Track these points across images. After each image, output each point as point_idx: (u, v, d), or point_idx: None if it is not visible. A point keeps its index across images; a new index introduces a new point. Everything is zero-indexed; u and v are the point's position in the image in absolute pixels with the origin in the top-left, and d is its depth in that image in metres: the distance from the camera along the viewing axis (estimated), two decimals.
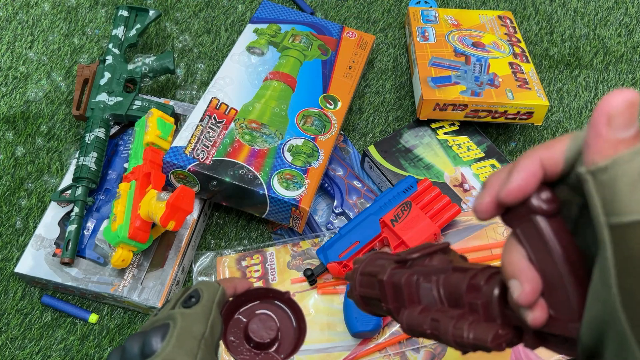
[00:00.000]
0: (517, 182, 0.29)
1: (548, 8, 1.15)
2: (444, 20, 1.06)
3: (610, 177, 0.25)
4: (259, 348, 0.51)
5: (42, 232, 0.82)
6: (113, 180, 0.88)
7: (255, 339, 0.50)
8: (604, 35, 1.12)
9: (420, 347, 0.75)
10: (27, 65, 1.03)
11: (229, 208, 0.90)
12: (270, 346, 0.51)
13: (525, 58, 0.99)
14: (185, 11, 1.11)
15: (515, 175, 0.29)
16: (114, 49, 0.95)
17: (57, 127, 0.96)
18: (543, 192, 0.30)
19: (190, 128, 0.83)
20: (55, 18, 1.09)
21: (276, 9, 1.04)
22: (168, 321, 0.43)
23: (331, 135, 0.88)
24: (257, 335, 0.51)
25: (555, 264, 0.30)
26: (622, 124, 0.25)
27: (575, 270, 0.30)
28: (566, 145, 0.29)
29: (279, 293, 0.53)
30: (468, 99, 0.90)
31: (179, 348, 0.41)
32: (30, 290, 0.82)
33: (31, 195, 0.90)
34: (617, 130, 0.25)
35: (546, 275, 0.30)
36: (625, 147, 0.25)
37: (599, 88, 1.05)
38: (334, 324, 0.77)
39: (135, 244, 0.76)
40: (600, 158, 0.26)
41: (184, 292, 0.48)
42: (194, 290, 0.47)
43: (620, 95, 0.25)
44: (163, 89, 1.01)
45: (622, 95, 0.26)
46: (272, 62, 0.95)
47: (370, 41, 1.03)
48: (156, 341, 0.42)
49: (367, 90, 1.04)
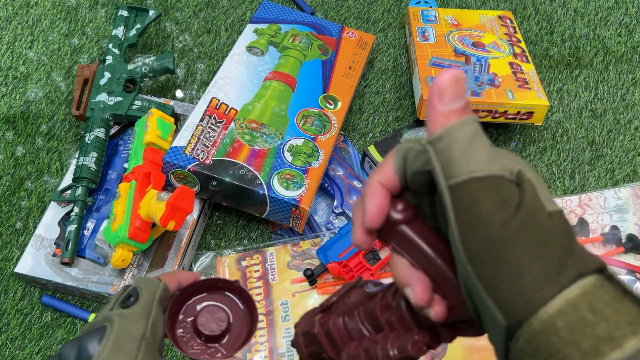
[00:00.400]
0: (372, 208, 0.32)
1: (548, 8, 1.15)
2: (444, 20, 1.06)
3: (445, 144, 0.29)
4: (210, 341, 0.50)
5: (42, 232, 0.82)
6: (113, 180, 0.88)
7: (205, 332, 0.49)
8: (604, 35, 1.12)
9: None
10: (27, 65, 1.03)
11: (229, 208, 0.90)
12: (221, 338, 0.50)
13: (526, 58, 0.99)
14: (185, 11, 1.11)
15: (368, 203, 0.32)
16: (114, 49, 0.95)
17: (57, 127, 0.96)
18: (397, 204, 0.33)
19: (190, 128, 0.83)
20: (55, 18, 1.09)
21: (276, 9, 1.04)
22: (105, 324, 0.42)
23: (331, 135, 0.88)
24: (207, 328, 0.49)
25: (431, 260, 0.33)
26: (451, 97, 0.29)
27: (449, 258, 0.32)
28: (392, 161, 0.33)
29: (228, 282, 0.52)
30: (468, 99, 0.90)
31: (117, 352, 0.39)
32: (30, 290, 0.82)
33: (31, 195, 0.90)
34: (447, 102, 0.29)
35: (429, 272, 0.33)
36: (456, 117, 0.29)
37: (599, 88, 1.04)
38: None
39: (135, 244, 0.76)
40: (437, 128, 0.29)
41: (124, 290, 0.46)
42: (132, 289, 0.45)
43: (447, 73, 0.30)
44: (163, 89, 1.01)
45: (449, 72, 0.30)
46: (272, 62, 0.95)
47: (370, 41, 1.03)
48: (92, 346, 0.40)
49: (367, 90, 1.04)
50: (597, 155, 0.97)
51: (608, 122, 1.00)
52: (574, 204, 0.85)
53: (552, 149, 0.97)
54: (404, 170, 0.32)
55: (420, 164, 0.31)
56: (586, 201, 0.85)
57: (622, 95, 1.04)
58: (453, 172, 0.28)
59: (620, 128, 1.00)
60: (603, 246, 0.82)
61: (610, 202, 0.85)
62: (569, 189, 0.94)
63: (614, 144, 0.98)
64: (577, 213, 0.84)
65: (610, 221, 0.84)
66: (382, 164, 0.33)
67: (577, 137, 0.99)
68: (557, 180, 0.94)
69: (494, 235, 0.27)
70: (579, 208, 0.85)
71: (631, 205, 0.85)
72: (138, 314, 0.43)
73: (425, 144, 0.30)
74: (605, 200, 0.85)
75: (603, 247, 0.81)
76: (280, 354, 0.76)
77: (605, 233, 0.83)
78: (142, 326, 0.42)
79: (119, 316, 0.42)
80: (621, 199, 0.85)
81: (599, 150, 0.97)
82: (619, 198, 0.85)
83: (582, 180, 0.94)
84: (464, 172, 0.28)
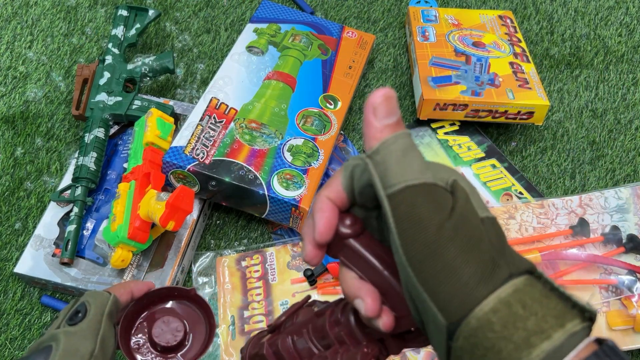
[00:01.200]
0: (322, 223, 0.33)
1: (548, 8, 1.15)
2: (444, 19, 1.06)
3: (382, 157, 0.31)
4: (166, 352, 0.49)
5: (42, 232, 0.82)
6: (112, 180, 0.87)
7: (160, 344, 0.48)
8: (604, 35, 1.11)
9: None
10: (26, 65, 1.03)
11: (229, 208, 0.89)
12: (179, 348, 0.49)
13: (526, 58, 0.99)
14: (184, 11, 1.11)
15: (318, 218, 0.33)
16: (113, 48, 0.95)
17: (56, 127, 0.96)
18: (345, 219, 0.34)
19: (190, 128, 0.83)
20: (54, 18, 1.09)
21: (276, 9, 1.04)
22: (50, 343, 0.40)
23: (331, 135, 0.88)
24: (162, 339, 0.48)
25: (379, 272, 0.33)
26: (384, 113, 0.31)
27: (395, 270, 0.33)
28: (340, 178, 0.34)
29: (184, 291, 0.50)
30: (468, 98, 0.90)
31: None
32: (30, 290, 0.82)
33: (30, 195, 0.89)
34: (381, 118, 0.31)
35: (377, 284, 0.34)
36: (390, 132, 0.31)
37: (599, 88, 1.04)
38: None
39: (134, 244, 0.75)
40: (374, 142, 0.31)
41: (72, 305, 0.45)
42: (80, 304, 0.44)
43: (379, 91, 0.32)
44: (163, 89, 1.01)
45: (381, 91, 0.32)
46: (272, 61, 0.95)
47: (371, 41, 1.03)
48: None
49: (368, 90, 1.04)
50: (597, 155, 0.97)
51: (609, 122, 1.00)
52: (574, 204, 0.85)
53: (553, 148, 0.97)
54: (351, 187, 0.33)
55: (365, 179, 0.32)
56: (587, 201, 0.85)
57: (622, 95, 1.04)
58: (390, 182, 0.30)
59: (621, 128, 1.00)
60: (603, 246, 0.81)
61: (611, 202, 0.85)
62: (570, 189, 0.93)
63: (614, 143, 0.98)
64: (577, 213, 0.84)
65: (610, 221, 0.83)
66: (331, 180, 0.35)
67: (578, 137, 0.99)
68: (557, 180, 0.94)
69: (431, 237, 0.29)
70: (580, 208, 0.84)
71: (632, 206, 0.85)
72: (86, 331, 0.41)
73: (364, 158, 0.32)
74: (605, 200, 0.85)
75: (603, 247, 0.81)
76: None
77: (605, 233, 0.83)
78: (91, 343, 0.40)
79: (66, 334, 0.40)
80: (622, 199, 0.85)
81: (599, 150, 0.97)
82: (620, 198, 0.85)
83: (583, 180, 0.94)
84: (399, 180, 0.30)
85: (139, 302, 0.49)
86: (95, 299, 0.44)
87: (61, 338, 0.40)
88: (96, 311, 0.43)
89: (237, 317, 0.79)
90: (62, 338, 0.40)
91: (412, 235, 0.29)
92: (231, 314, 0.79)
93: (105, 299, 0.45)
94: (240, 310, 0.79)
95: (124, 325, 0.48)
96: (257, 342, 0.44)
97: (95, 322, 0.42)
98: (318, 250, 0.34)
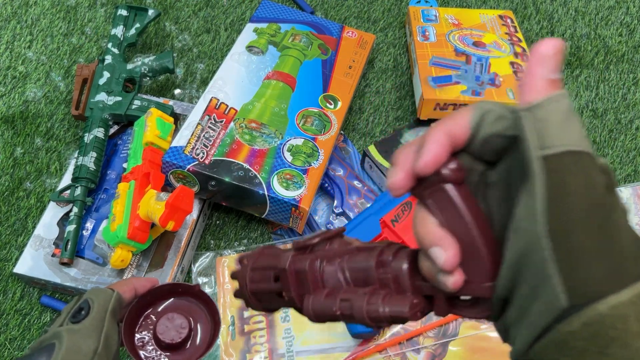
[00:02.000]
0: (432, 153, 0.30)
1: (549, 7, 1.15)
2: (445, 19, 1.06)
3: (545, 113, 0.28)
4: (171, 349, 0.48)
5: (41, 232, 0.82)
6: (112, 180, 0.87)
7: (165, 341, 0.47)
8: (605, 34, 1.11)
9: (421, 347, 0.75)
10: (26, 65, 1.03)
11: (229, 208, 0.89)
12: (183, 345, 0.48)
13: (526, 58, 0.99)
14: (184, 10, 1.11)
15: (429, 147, 0.30)
16: (113, 48, 0.95)
17: (56, 127, 0.96)
18: (450, 162, 0.31)
19: (190, 128, 0.83)
20: (54, 17, 1.09)
21: (276, 8, 1.04)
22: (53, 341, 0.40)
23: (331, 135, 0.88)
24: (167, 336, 0.47)
25: (468, 228, 0.31)
26: (552, 67, 0.29)
27: (485, 232, 0.31)
28: (470, 115, 0.31)
29: (188, 287, 0.49)
30: (469, 98, 0.90)
31: None
32: (29, 290, 0.82)
33: (30, 195, 0.89)
34: (548, 71, 0.28)
35: (460, 240, 0.31)
36: (555, 88, 0.28)
37: (599, 88, 1.04)
38: (334, 325, 0.77)
39: (134, 244, 0.75)
40: (536, 96, 0.28)
41: (75, 302, 0.44)
42: (83, 301, 0.43)
43: (550, 42, 0.29)
44: (162, 89, 1.01)
45: (552, 42, 0.29)
46: (272, 61, 0.95)
47: (371, 40, 1.03)
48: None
49: (367, 89, 1.03)
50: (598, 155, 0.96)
51: (609, 122, 1.00)
52: None
53: None
54: (478, 128, 0.30)
55: (500, 128, 0.30)
56: None
57: (623, 95, 1.03)
58: (549, 142, 0.27)
59: (621, 128, 0.99)
60: None
61: None
62: None
63: (615, 143, 0.98)
64: None
65: None
66: (456, 115, 0.31)
67: None
68: None
69: (585, 212, 0.27)
70: None
71: (632, 206, 0.85)
72: (89, 329, 0.41)
73: (520, 110, 0.29)
74: None
75: None
76: (280, 354, 0.75)
77: None
78: (94, 341, 0.40)
79: (69, 332, 0.40)
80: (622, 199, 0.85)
81: (600, 150, 0.97)
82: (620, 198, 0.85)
83: None
84: (561, 143, 0.27)
85: (142, 299, 0.49)
86: (98, 296, 0.43)
87: (64, 336, 0.40)
88: (99, 308, 0.42)
89: (237, 317, 0.78)
90: (65, 336, 0.40)
91: (565, 205, 0.27)
92: (231, 314, 0.78)
93: (109, 296, 0.44)
94: (240, 310, 0.79)
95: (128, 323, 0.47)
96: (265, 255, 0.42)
97: (99, 319, 0.42)
98: (409, 181, 0.31)
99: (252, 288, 0.42)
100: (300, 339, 0.76)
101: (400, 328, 0.75)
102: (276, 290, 0.41)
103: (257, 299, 0.43)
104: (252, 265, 0.42)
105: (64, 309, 0.44)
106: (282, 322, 0.78)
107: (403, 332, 0.75)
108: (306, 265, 0.38)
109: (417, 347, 0.75)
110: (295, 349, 0.76)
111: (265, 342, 0.76)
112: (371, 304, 0.34)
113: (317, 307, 0.37)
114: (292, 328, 0.77)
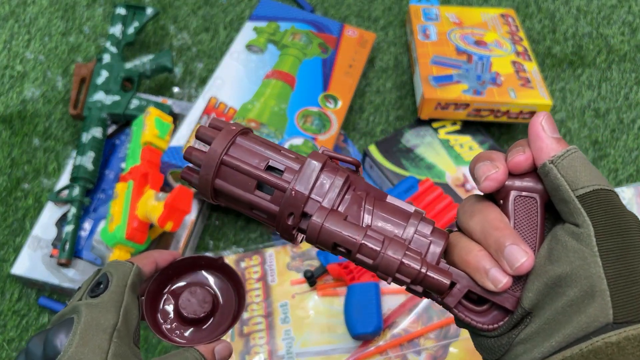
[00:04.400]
0: (529, 154, 0.34)
1: (551, 6, 1.14)
2: (446, 18, 1.05)
3: (568, 161, 0.33)
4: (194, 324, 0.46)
5: (39, 232, 0.81)
6: (110, 180, 0.87)
7: (188, 316, 0.45)
8: (607, 33, 1.11)
9: (422, 349, 0.74)
10: (23, 64, 1.02)
11: (228, 208, 0.89)
12: (206, 320, 0.46)
13: (528, 56, 0.98)
14: (183, 9, 1.10)
15: (528, 148, 0.34)
16: (111, 47, 0.94)
17: (54, 127, 0.95)
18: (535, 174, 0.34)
19: (189, 127, 0.82)
20: (52, 16, 1.08)
21: (275, 7, 1.03)
22: (72, 315, 0.39)
23: (331, 135, 0.87)
24: (189, 310, 0.45)
25: (535, 242, 0.33)
26: (551, 128, 0.34)
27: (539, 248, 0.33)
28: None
29: (211, 260, 0.47)
30: (470, 97, 0.89)
31: (84, 346, 0.36)
32: (27, 291, 0.81)
33: (28, 195, 0.89)
34: (552, 132, 0.34)
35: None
36: (561, 144, 0.33)
37: (602, 87, 1.03)
38: (334, 326, 0.76)
39: (132, 244, 0.75)
40: (553, 151, 0.33)
41: (94, 276, 0.42)
42: (102, 275, 0.42)
43: (540, 114, 0.34)
44: (161, 88, 1.00)
45: (541, 114, 0.34)
46: (272, 60, 0.94)
47: (371, 39, 1.02)
48: (60, 340, 0.37)
49: (368, 89, 1.03)
50: (600, 155, 0.96)
51: (611, 122, 0.99)
52: None
53: None
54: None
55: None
56: None
57: (625, 94, 1.03)
58: (580, 184, 0.32)
59: (624, 127, 0.99)
60: None
61: None
62: None
63: (617, 143, 0.97)
64: None
65: None
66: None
67: (580, 136, 0.98)
68: None
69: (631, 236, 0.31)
70: None
71: (634, 205, 0.84)
72: (108, 303, 0.39)
73: (548, 164, 0.33)
74: None
75: None
76: (279, 356, 0.75)
77: None
78: (113, 316, 0.39)
79: (87, 306, 0.39)
80: (624, 199, 0.84)
81: (602, 150, 0.96)
82: (623, 198, 0.84)
83: None
84: (591, 183, 0.32)
85: (164, 273, 0.47)
86: (117, 270, 0.42)
87: (82, 310, 0.38)
88: (118, 282, 0.41)
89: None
90: (83, 310, 0.38)
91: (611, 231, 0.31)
92: None
93: (128, 270, 0.42)
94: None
95: (149, 297, 0.45)
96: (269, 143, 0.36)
97: (118, 293, 0.40)
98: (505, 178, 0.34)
99: (229, 161, 0.34)
100: (300, 340, 0.76)
101: (401, 329, 0.75)
102: (261, 178, 0.34)
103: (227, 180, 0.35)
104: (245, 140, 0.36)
105: (83, 283, 0.43)
106: (281, 323, 0.77)
107: (404, 334, 0.75)
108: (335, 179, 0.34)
109: (417, 348, 0.74)
110: (295, 351, 0.75)
111: (264, 344, 0.76)
112: (410, 257, 0.32)
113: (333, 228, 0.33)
114: (292, 330, 0.76)
